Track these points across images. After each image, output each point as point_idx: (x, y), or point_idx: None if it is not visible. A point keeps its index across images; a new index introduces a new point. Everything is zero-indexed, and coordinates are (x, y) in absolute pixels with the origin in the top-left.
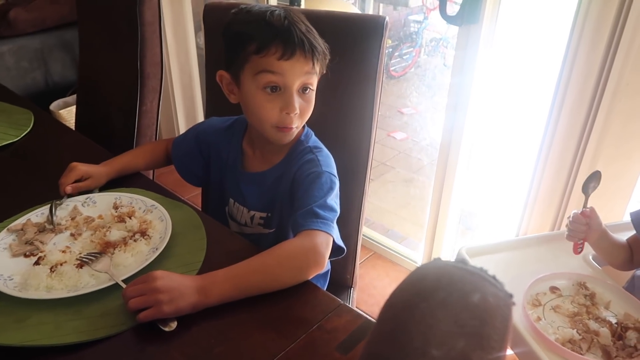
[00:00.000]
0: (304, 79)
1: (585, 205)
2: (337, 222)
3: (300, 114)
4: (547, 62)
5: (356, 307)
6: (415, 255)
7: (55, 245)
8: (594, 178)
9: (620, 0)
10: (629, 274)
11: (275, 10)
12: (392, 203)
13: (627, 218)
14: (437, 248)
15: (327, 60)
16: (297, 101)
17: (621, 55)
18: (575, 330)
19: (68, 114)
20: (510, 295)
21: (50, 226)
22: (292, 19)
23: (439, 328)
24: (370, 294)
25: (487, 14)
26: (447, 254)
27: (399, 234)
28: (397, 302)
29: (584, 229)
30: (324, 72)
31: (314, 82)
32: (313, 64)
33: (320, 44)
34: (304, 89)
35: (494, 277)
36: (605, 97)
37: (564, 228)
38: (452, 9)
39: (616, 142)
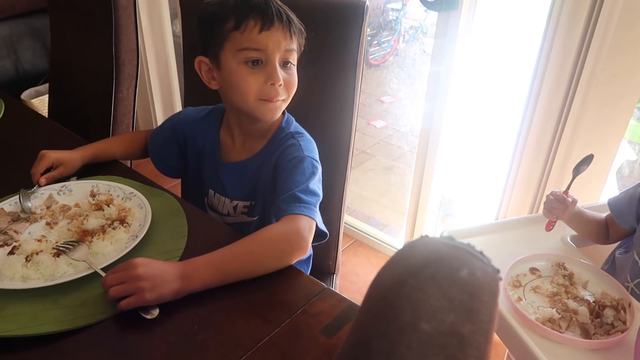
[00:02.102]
0: (285, 53)
1: (569, 187)
2: (319, 208)
3: (285, 87)
4: (524, 48)
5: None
6: (396, 242)
7: (30, 235)
8: (586, 161)
9: None
10: (606, 254)
11: None
12: (372, 191)
13: (602, 200)
14: (417, 234)
15: (304, 38)
16: (280, 73)
17: (597, 41)
18: (555, 309)
19: (40, 103)
20: (497, 270)
21: (24, 215)
22: None
23: (428, 303)
24: (352, 281)
25: (465, 0)
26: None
27: (380, 222)
28: (385, 280)
29: (562, 208)
30: (302, 49)
31: (294, 57)
32: (291, 37)
33: (296, 19)
34: (285, 62)
35: (481, 253)
36: (582, 82)
37: (542, 211)
38: None
39: (592, 127)
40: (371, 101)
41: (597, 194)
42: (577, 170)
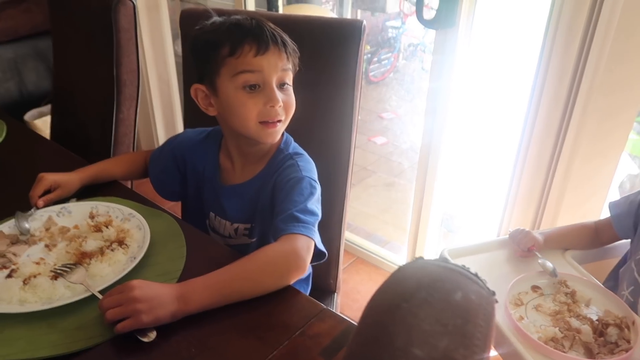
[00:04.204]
0: (281, 73)
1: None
2: (319, 227)
3: (284, 108)
4: (522, 63)
5: (340, 312)
6: (398, 259)
7: (29, 257)
8: None
9: (591, 2)
10: (608, 270)
11: (239, 15)
12: (374, 207)
13: (603, 215)
14: (419, 251)
15: (298, 58)
16: (278, 94)
17: (594, 54)
18: (558, 328)
19: (43, 124)
20: (493, 293)
21: (23, 237)
22: (259, 19)
23: (420, 327)
24: (354, 299)
25: (463, 17)
26: (430, 257)
27: (382, 238)
28: (379, 304)
29: (529, 238)
30: (297, 68)
31: (290, 77)
32: (287, 58)
33: (289, 40)
34: (281, 84)
35: (475, 275)
36: (580, 96)
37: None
38: (429, 13)
39: (592, 141)
40: (372, 118)
41: (599, 209)
42: None
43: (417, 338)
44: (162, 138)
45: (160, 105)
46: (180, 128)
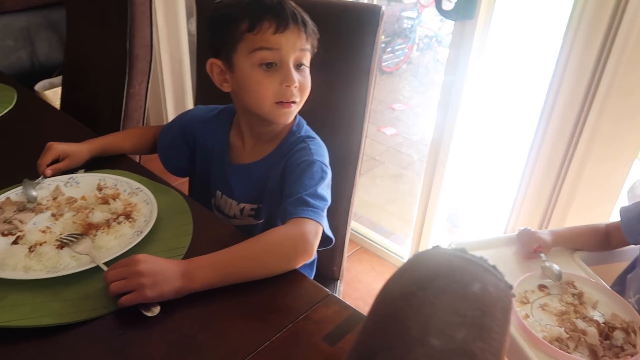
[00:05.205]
0: (299, 53)
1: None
2: (326, 213)
3: (300, 89)
4: (540, 60)
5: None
6: (402, 251)
7: (35, 225)
8: None
9: (615, 3)
10: (615, 273)
11: None
12: (379, 198)
13: (613, 219)
14: (424, 244)
15: (317, 40)
16: (295, 75)
17: (615, 56)
18: (563, 328)
19: (53, 95)
20: (511, 287)
21: (30, 205)
22: None
23: (437, 317)
24: (355, 288)
25: (482, 10)
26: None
27: (386, 229)
28: (394, 290)
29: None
30: (315, 50)
31: (307, 58)
32: (306, 38)
33: (309, 20)
34: (298, 65)
35: (494, 267)
36: (597, 97)
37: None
38: (448, 4)
39: (606, 143)
40: (382, 108)
41: (608, 213)
42: None
43: (434, 327)
44: (171, 115)
45: (170, 83)
46: (190, 106)
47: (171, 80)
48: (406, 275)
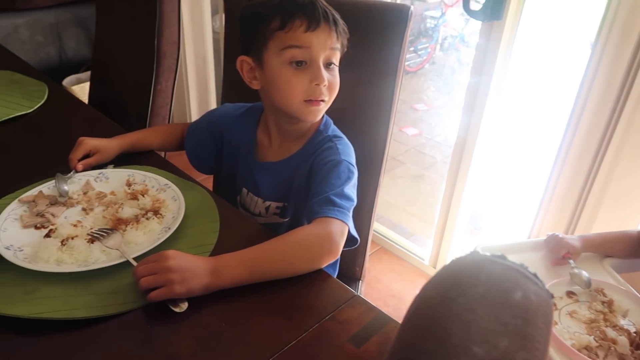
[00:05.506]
0: (329, 52)
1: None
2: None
3: (329, 88)
4: (570, 62)
5: None
6: (422, 252)
7: (66, 219)
8: None
9: None
10: None
11: None
12: (400, 198)
13: None
14: (445, 246)
15: (347, 39)
16: (324, 73)
17: None
18: (592, 337)
19: (80, 91)
20: (552, 295)
21: (62, 199)
22: None
23: (479, 325)
24: (374, 288)
25: (511, 10)
26: (455, 253)
27: (407, 230)
28: (432, 296)
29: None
30: (345, 49)
31: (337, 57)
32: (337, 37)
33: (340, 19)
34: (328, 63)
35: (534, 275)
36: (629, 102)
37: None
38: (476, 4)
39: (637, 147)
40: (404, 108)
41: (637, 219)
42: None
43: (476, 335)
44: (194, 112)
45: (195, 80)
46: (213, 103)
47: (195, 78)
48: (445, 280)
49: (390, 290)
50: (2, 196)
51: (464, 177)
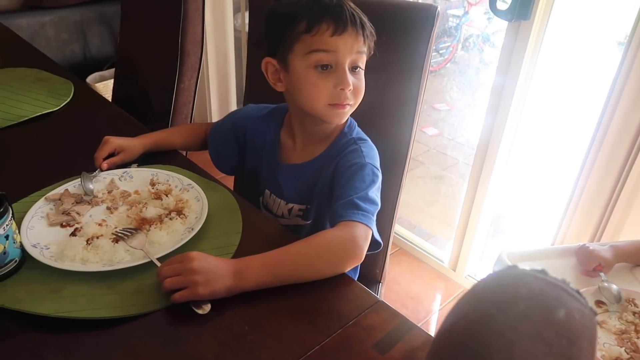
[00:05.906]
0: (355, 56)
1: None
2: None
3: (354, 92)
4: (600, 63)
5: None
6: (442, 254)
7: (91, 218)
8: None
9: None
10: None
11: None
12: (419, 199)
13: None
14: (466, 249)
15: (374, 41)
16: (350, 77)
17: None
18: (624, 348)
19: (104, 88)
20: (595, 313)
21: (87, 197)
22: None
23: (522, 344)
24: (393, 290)
25: (539, 10)
26: (476, 256)
27: (426, 231)
28: (470, 311)
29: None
30: (371, 52)
31: (363, 61)
32: (364, 40)
33: (368, 22)
34: (353, 67)
35: (577, 292)
36: None
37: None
38: (503, 3)
39: None
40: (424, 107)
41: None
42: None
43: (520, 355)
44: (215, 111)
45: (215, 79)
46: (233, 102)
47: (216, 77)
48: (483, 296)
49: (408, 292)
50: (29, 194)
51: (486, 178)
